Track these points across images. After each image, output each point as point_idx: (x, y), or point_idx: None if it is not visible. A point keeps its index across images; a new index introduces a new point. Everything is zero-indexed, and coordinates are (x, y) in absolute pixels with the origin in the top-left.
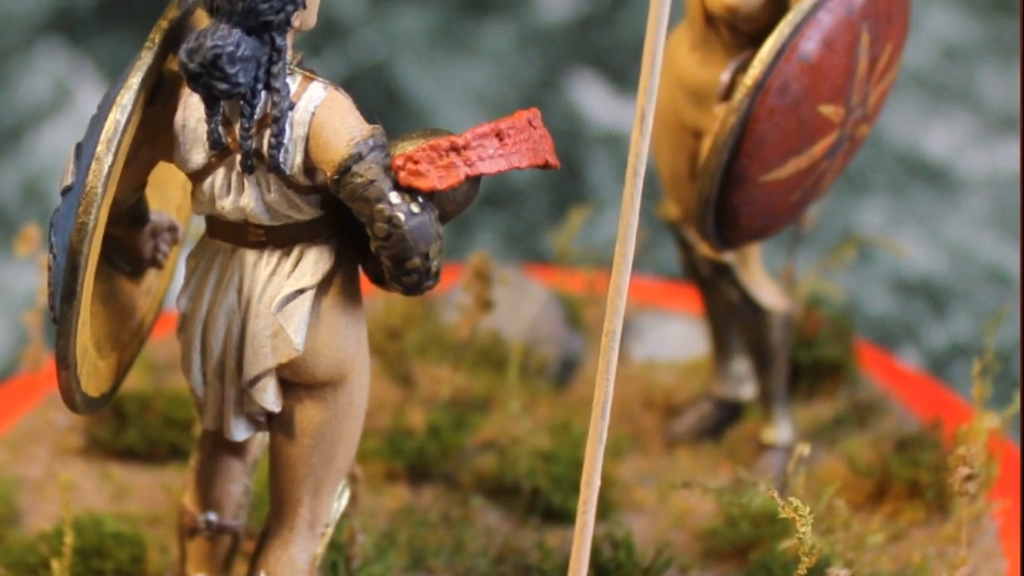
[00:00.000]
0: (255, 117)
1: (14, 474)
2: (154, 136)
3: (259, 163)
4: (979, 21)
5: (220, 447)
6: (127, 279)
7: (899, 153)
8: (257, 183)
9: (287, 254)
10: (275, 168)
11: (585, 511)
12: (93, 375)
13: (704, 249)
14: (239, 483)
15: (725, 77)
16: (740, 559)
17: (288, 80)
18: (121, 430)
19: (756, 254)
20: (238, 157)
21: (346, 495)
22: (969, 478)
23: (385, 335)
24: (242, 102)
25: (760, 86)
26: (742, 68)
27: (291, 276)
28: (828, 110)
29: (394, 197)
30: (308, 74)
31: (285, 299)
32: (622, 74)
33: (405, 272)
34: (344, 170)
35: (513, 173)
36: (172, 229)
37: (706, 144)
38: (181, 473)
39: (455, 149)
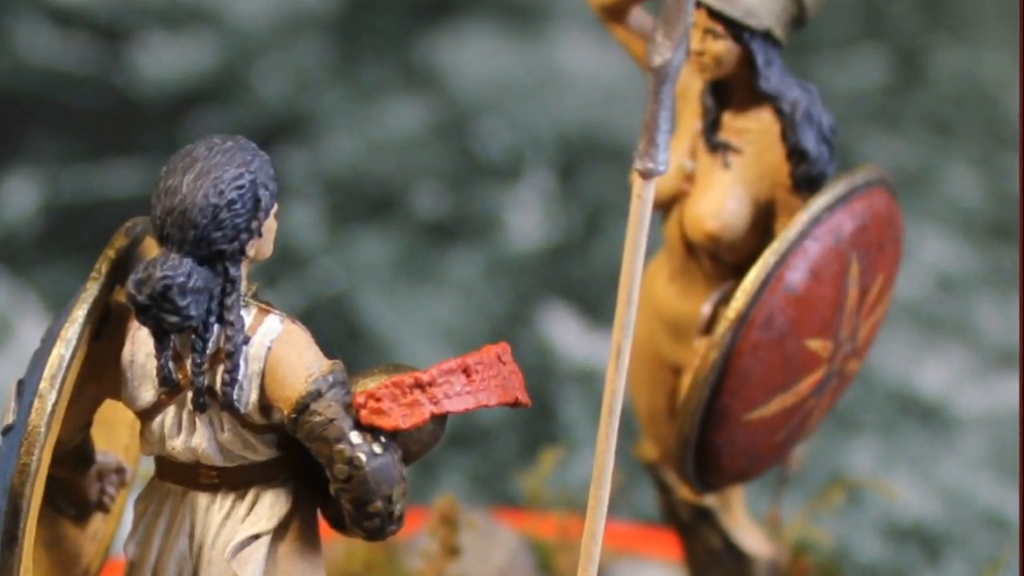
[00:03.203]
0: (207, 352)
1: None
2: (100, 372)
3: (212, 401)
4: (976, 250)
5: None
6: (72, 523)
7: (891, 390)
8: (210, 422)
9: (241, 497)
10: (229, 406)
11: None
12: None
13: (684, 492)
14: None
15: (706, 309)
16: None
17: (243, 312)
18: None
19: (739, 497)
20: (189, 395)
21: None
22: None
23: None
24: (194, 336)
25: (743, 319)
26: (724, 300)
27: (246, 520)
28: (815, 344)
29: (355, 437)
30: (264, 306)
31: (239, 545)
32: (596, 307)
33: (367, 516)
34: (302, 408)
35: (481, 412)
36: (119, 471)
37: (686, 380)
38: None
39: (420, 386)
